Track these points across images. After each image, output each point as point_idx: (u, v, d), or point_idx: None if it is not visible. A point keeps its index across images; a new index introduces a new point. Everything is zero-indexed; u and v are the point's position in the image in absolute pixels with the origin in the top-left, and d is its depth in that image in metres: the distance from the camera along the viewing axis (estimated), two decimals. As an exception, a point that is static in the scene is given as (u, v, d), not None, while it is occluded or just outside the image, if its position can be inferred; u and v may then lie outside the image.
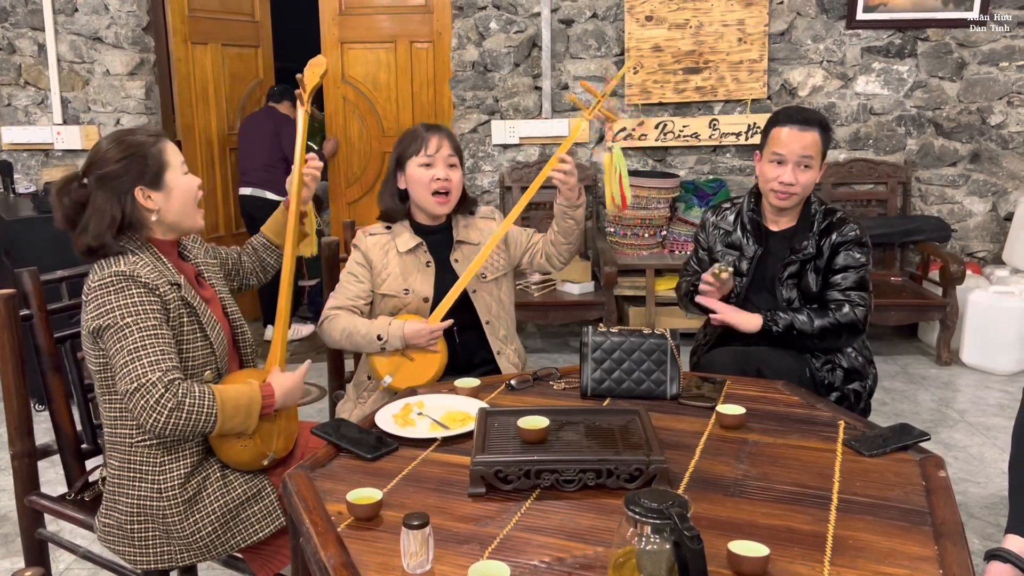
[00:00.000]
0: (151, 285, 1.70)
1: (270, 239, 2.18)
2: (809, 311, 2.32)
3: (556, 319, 4.34)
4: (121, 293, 1.68)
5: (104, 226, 1.71)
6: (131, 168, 1.73)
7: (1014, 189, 4.55)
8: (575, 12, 4.53)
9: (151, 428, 1.64)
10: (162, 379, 1.63)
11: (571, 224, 2.33)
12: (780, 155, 2.30)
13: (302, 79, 2.14)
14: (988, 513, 2.74)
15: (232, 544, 1.78)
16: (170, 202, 1.78)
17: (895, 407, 3.64)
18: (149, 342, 1.66)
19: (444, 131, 2.31)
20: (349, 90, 5.02)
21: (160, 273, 1.74)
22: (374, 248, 2.32)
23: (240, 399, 1.72)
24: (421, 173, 2.26)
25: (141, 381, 1.62)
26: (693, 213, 4.41)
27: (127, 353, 1.64)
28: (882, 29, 4.45)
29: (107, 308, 1.67)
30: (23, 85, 4.78)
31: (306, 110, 2.14)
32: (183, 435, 1.68)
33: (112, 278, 1.69)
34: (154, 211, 1.77)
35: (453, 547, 1.30)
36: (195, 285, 1.86)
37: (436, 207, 2.29)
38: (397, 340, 2.18)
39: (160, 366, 1.64)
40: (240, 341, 1.95)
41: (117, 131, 1.82)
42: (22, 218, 3.74)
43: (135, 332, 1.65)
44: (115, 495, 1.77)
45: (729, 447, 1.67)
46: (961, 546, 1.28)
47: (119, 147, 1.75)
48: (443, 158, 2.26)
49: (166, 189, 1.77)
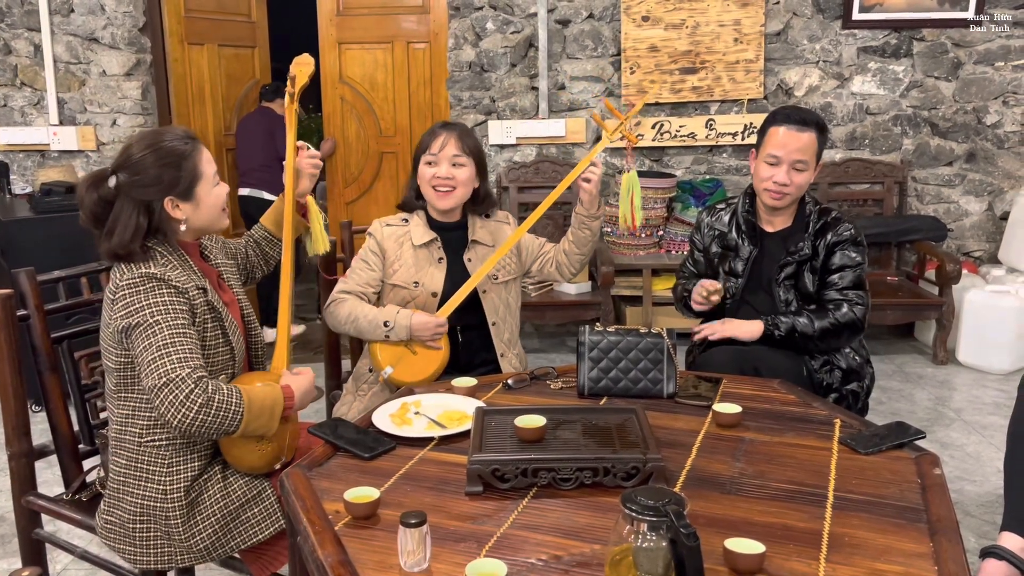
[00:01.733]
0: (180, 288, 1.70)
1: (270, 231, 2.16)
2: (809, 313, 2.32)
3: (553, 319, 4.34)
4: (151, 293, 1.67)
5: (129, 234, 1.69)
6: (163, 178, 1.71)
7: (1010, 188, 4.56)
8: (571, 12, 4.53)
9: (178, 423, 1.62)
10: (191, 375, 1.62)
11: (587, 235, 2.37)
12: (775, 155, 2.30)
13: (292, 77, 2.13)
14: (984, 511, 2.75)
15: (232, 546, 1.78)
16: (199, 212, 1.78)
17: (891, 406, 3.65)
18: (178, 339, 1.65)
19: (457, 130, 2.32)
20: (346, 90, 5.02)
21: (188, 276, 1.74)
22: (389, 238, 2.35)
23: (265, 400, 1.72)
24: (424, 170, 2.31)
25: (170, 376, 1.61)
26: (690, 213, 4.42)
27: (156, 349, 1.63)
28: (878, 29, 4.46)
29: (137, 307, 1.66)
30: (19, 86, 4.77)
31: (295, 108, 2.12)
32: (208, 433, 1.67)
33: (141, 279, 1.68)
34: (182, 220, 1.76)
35: (450, 545, 1.31)
36: (217, 288, 1.86)
37: (437, 200, 2.31)
38: (403, 330, 2.20)
39: (190, 363, 1.64)
40: (253, 344, 1.95)
41: (150, 132, 1.78)
42: (18, 219, 3.74)
43: (164, 330, 1.65)
44: (119, 494, 1.77)
45: (725, 445, 1.67)
46: (956, 543, 1.29)
47: (154, 154, 1.71)
48: (447, 156, 2.28)
49: (196, 200, 1.76)
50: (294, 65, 2.15)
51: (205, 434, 1.67)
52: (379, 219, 2.41)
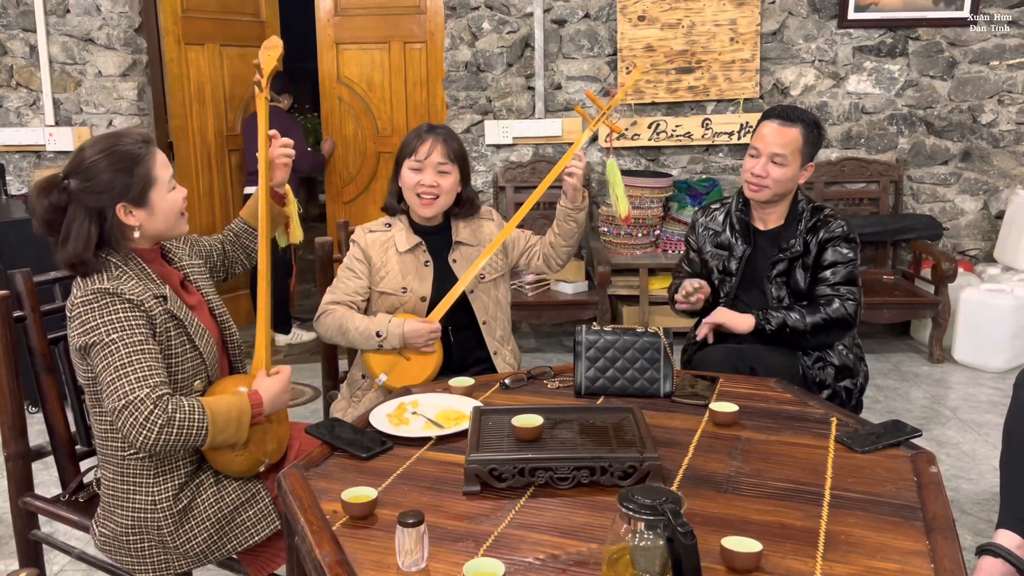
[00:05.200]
0: (136, 301, 1.65)
1: (249, 223, 2.10)
2: (800, 308, 2.33)
3: (550, 318, 4.35)
4: (105, 310, 1.63)
5: (82, 243, 1.64)
6: (115, 184, 1.65)
7: (1005, 187, 4.57)
8: (568, 12, 4.53)
9: (142, 445, 1.59)
10: (150, 395, 1.59)
11: (573, 227, 2.34)
12: (756, 148, 2.35)
13: (259, 64, 2.05)
14: (980, 509, 2.75)
15: (228, 549, 1.77)
16: (152, 219, 1.72)
17: (888, 404, 3.66)
18: (136, 358, 1.61)
19: (443, 135, 2.28)
20: (344, 90, 5.01)
21: (145, 287, 1.69)
22: (374, 245, 2.32)
23: (231, 411, 1.68)
24: (409, 176, 2.27)
25: (130, 398, 1.58)
26: (686, 212, 4.42)
27: (114, 370, 1.60)
28: (873, 28, 4.47)
29: (92, 325, 1.63)
30: (15, 86, 4.76)
31: (265, 96, 2.05)
32: (174, 450, 1.65)
33: (95, 295, 1.64)
34: (135, 227, 1.71)
35: (448, 545, 1.31)
36: (180, 292, 1.81)
37: (420, 208, 2.28)
38: (396, 338, 2.18)
39: (148, 382, 1.60)
40: (229, 343, 1.92)
41: (105, 136, 1.71)
42: (14, 220, 3.74)
43: (121, 348, 1.61)
44: (111, 506, 1.76)
45: (722, 444, 1.67)
46: (952, 541, 1.29)
47: (106, 159, 1.66)
48: (433, 164, 2.24)
49: (149, 207, 1.71)
50: (261, 51, 2.06)
51: (171, 451, 1.66)
52: (361, 226, 2.37)
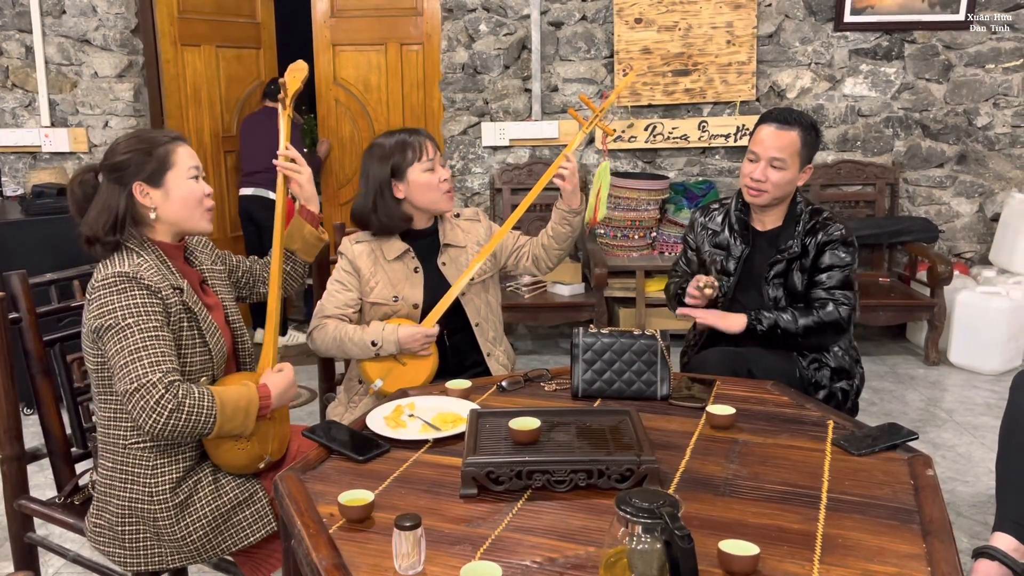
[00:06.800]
0: (153, 287, 1.69)
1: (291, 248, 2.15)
2: (793, 310, 2.34)
3: (547, 321, 4.35)
4: (124, 293, 1.67)
5: (101, 219, 1.72)
6: (133, 162, 1.75)
7: (1000, 190, 4.58)
8: (564, 15, 4.54)
9: (150, 429, 1.63)
10: (162, 380, 1.62)
11: (568, 230, 2.35)
12: (755, 152, 2.35)
13: (284, 83, 2.15)
14: (976, 512, 2.76)
15: (223, 548, 1.77)
16: (168, 202, 1.78)
17: (884, 407, 3.66)
18: (150, 343, 1.65)
19: (427, 133, 2.33)
20: (340, 92, 5.01)
21: (163, 276, 1.74)
22: (362, 255, 2.30)
23: (239, 400, 1.72)
24: (428, 178, 2.25)
25: (141, 381, 1.62)
26: (683, 215, 4.43)
27: (128, 353, 1.63)
28: (869, 31, 4.48)
29: (109, 308, 1.66)
30: (10, 87, 4.75)
31: (288, 114, 2.15)
32: (182, 436, 1.67)
33: (115, 278, 1.68)
34: (151, 208, 1.76)
35: (445, 548, 1.31)
36: (199, 291, 1.85)
37: (446, 203, 2.30)
38: (392, 345, 2.18)
39: (161, 367, 1.64)
40: (240, 350, 1.95)
41: (142, 129, 1.84)
42: (10, 221, 3.73)
43: (136, 332, 1.65)
44: (106, 496, 1.77)
45: (719, 447, 1.67)
46: (949, 544, 1.29)
47: (129, 141, 1.77)
48: (439, 160, 2.29)
49: (164, 189, 1.77)
50: (288, 72, 2.17)
51: (179, 437, 1.67)
52: (347, 236, 2.36)
